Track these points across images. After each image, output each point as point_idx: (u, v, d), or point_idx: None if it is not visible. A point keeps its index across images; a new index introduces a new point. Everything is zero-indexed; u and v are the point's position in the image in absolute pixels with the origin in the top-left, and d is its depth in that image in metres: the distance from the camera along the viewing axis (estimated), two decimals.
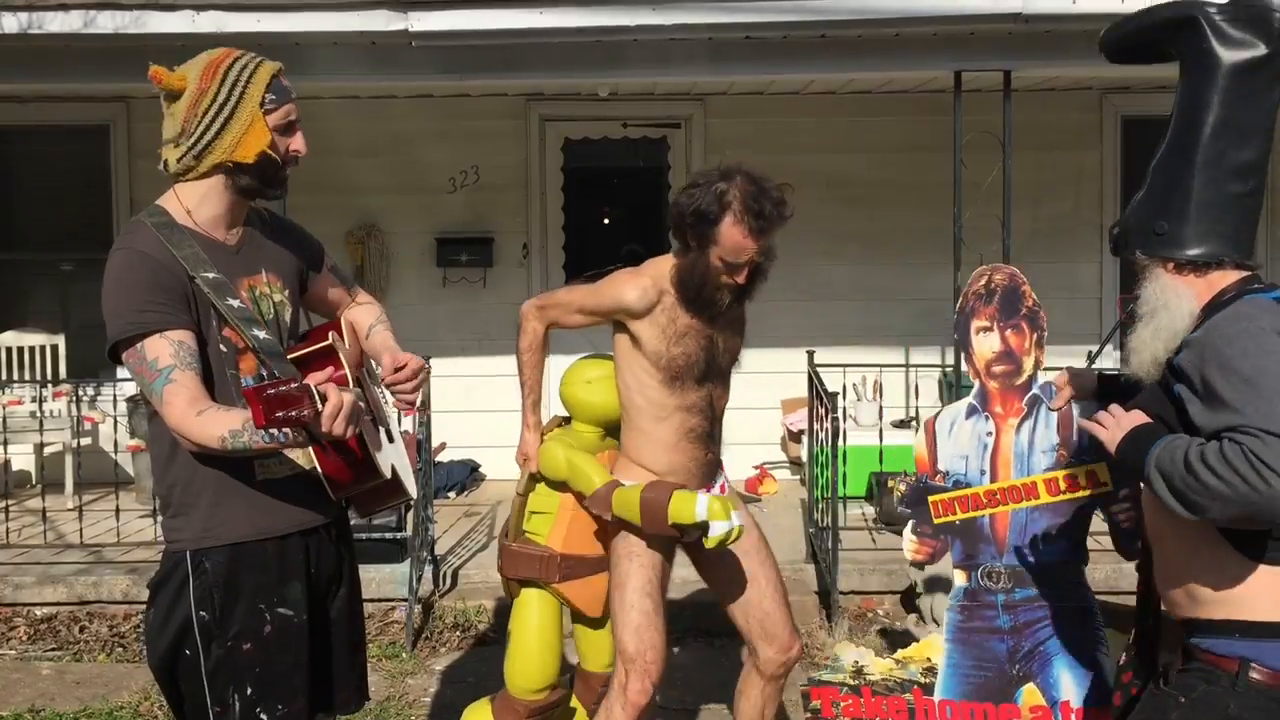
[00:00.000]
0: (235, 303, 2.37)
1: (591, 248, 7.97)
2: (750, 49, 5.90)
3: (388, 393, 2.66)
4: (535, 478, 3.45)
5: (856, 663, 3.36)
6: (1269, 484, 1.89)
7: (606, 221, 8.28)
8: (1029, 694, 2.96)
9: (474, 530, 6.56)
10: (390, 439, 2.63)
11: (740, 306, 3.29)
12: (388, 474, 2.48)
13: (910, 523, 3.16)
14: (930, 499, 2.95)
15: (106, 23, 5.50)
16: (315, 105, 2.42)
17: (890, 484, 6.29)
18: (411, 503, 4.69)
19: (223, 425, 2.22)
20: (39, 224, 7.96)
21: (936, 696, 3.11)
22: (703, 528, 3.11)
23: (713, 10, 5.56)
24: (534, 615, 3.48)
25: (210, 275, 2.35)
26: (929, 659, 3.23)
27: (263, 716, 2.40)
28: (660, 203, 7.95)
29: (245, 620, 2.38)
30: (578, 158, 7.93)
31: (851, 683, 3.29)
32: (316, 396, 2.10)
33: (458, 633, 5.35)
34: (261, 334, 2.39)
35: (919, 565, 3.11)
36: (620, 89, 7.38)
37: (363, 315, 2.75)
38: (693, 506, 3.09)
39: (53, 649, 5.29)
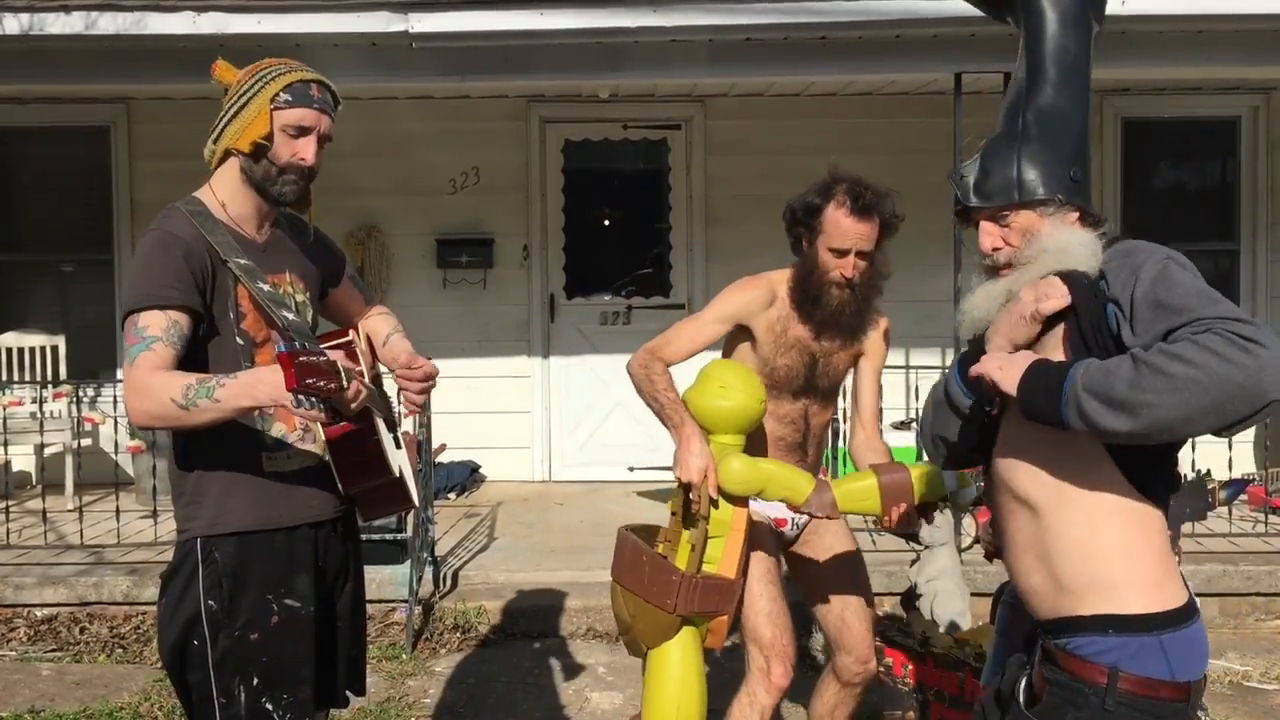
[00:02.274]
0: (265, 286, 2.43)
1: (592, 249, 7.98)
2: (751, 51, 5.91)
3: (394, 391, 2.70)
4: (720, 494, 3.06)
5: (924, 633, 3.64)
6: (1251, 354, 1.72)
7: (607, 223, 8.28)
8: None
9: (474, 531, 6.56)
10: (398, 445, 2.66)
11: (855, 324, 3.30)
12: (396, 473, 2.51)
13: (985, 521, 3.31)
14: None
15: (108, 24, 5.51)
16: None
17: None
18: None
19: (188, 376, 2.26)
20: (40, 225, 7.94)
21: (982, 680, 3.20)
22: (946, 500, 3.10)
23: (713, 12, 5.57)
24: (686, 653, 3.03)
25: (242, 260, 2.41)
26: (980, 645, 3.39)
27: (268, 706, 2.42)
28: (661, 205, 7.96)
29: (252, 610, 2.41)
30: (578, 159, 7.93)
31: (919, 650, 3.56)
32: (342, 374, 2.15)
33: (458, 634, 5.35)
34: (290, 315, 2.44)
35: (989, 559, 3.26)
36: (621, 91, 7.38)
37: (380, 324, 2.79)
38: (940, 479, 3.06)
39: (53, 650, 5.29)
